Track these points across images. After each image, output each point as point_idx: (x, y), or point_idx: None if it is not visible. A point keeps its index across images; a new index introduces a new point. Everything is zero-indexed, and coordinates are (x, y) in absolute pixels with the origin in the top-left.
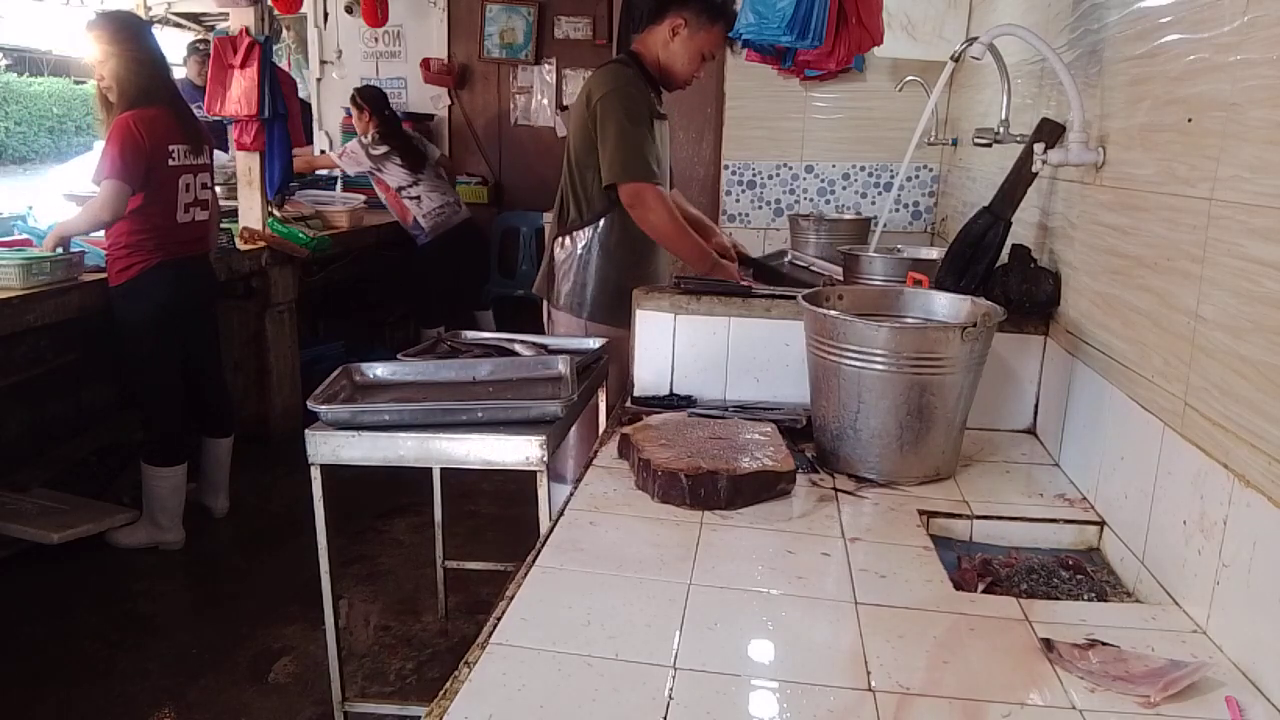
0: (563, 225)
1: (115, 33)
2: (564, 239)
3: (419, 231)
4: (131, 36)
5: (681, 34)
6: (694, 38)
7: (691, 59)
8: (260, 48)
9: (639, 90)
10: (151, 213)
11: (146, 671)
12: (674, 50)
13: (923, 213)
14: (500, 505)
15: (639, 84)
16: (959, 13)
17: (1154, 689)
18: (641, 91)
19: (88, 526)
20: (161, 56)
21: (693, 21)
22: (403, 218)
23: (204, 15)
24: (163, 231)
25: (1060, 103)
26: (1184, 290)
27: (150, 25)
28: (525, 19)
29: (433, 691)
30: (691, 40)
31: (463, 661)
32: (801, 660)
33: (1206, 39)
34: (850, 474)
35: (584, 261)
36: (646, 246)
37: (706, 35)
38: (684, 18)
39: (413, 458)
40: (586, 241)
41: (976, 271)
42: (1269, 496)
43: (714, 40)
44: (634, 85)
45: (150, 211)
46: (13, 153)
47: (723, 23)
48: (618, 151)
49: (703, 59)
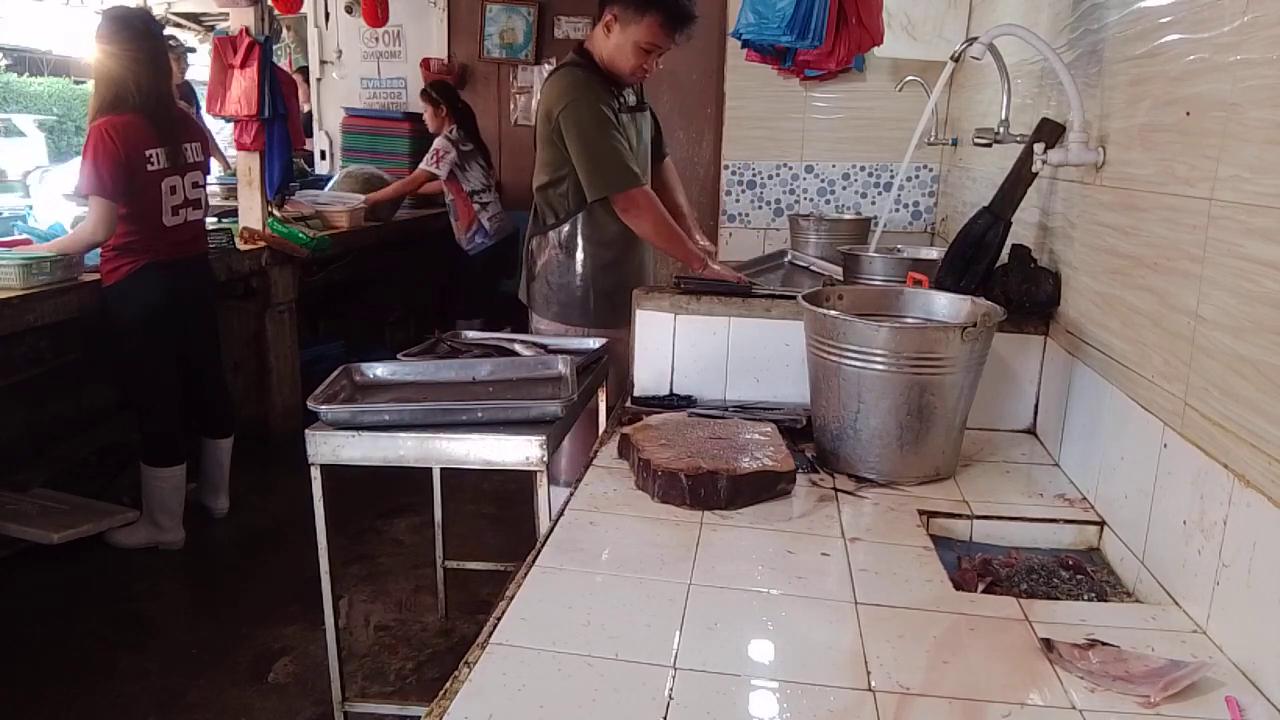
0: (538, 228)
1: (108, 32)
2: (540, 241)
3: (483, 237)
4: (125, 38)
5: (615, 29)
6: (626, 30)
7: (630, 53)
8: (260, 48)
9: (594, 93)
10: (136, 219)
11: (146, 671)
12: (611, 45)
13: (923, 213)
14: (500, 505)
15: (593, 86)
16: (959, 13)
17: (1154, 689)
18: (597, 93)
19: (88, 526)
20: (154, 60)
21: (623, 15)
22: (466, 222)
23: (204, 15)
24: (150, 235)
25: (1060, 103)
26: (1184, 290)
27: (158, 27)
28: (525, 19)
29: (433, 691)
30: (625, 33)
31: (463, 661)
32: (801, 660)
33: (1206, 39)
34: (850, 474)
35: (563, 266)
36: (623, 244)
37: (638, 27)
38: (614, 12)
39: (413, 458)
40: (561, 243)
41: (976, 271)
42: (1269, 496)
43: (648, 31)
44: (588, 90)
45: (135, 217)
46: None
47: (655, 12)
48: (594, 165)
49: (645, 52)
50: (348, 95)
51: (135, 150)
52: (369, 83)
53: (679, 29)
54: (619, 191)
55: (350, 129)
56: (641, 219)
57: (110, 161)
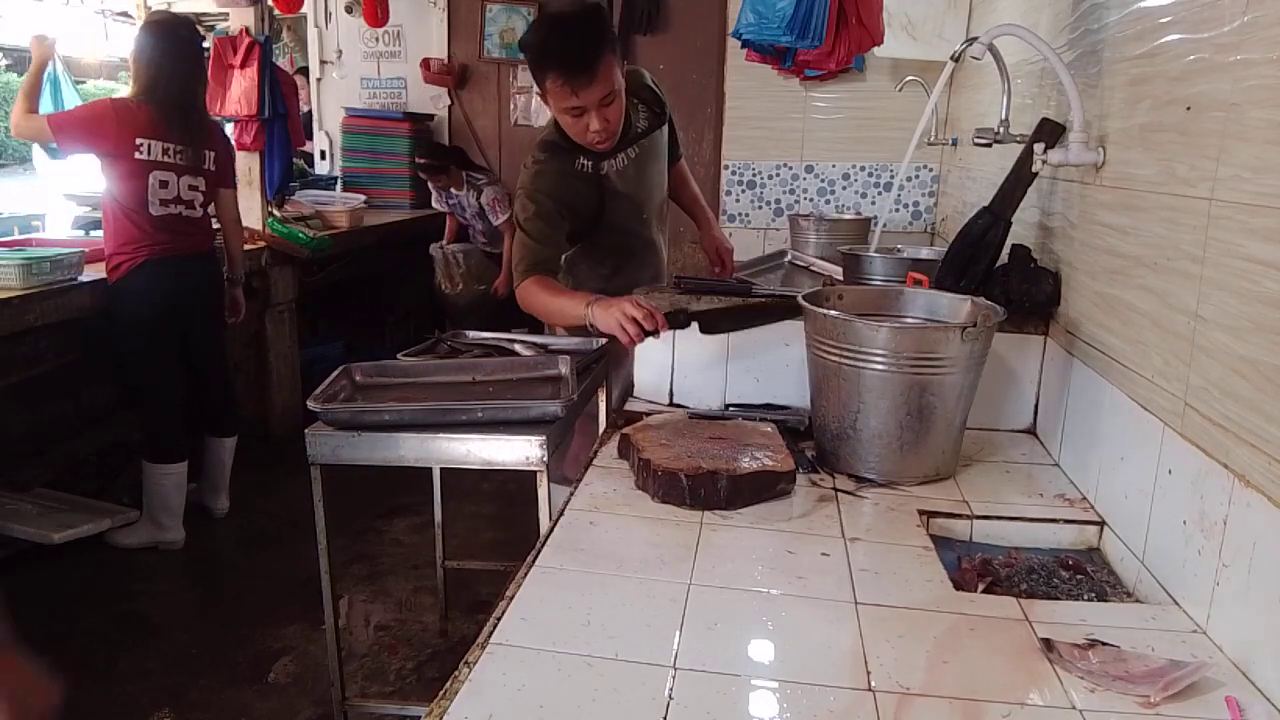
0: None
1: (145, 31)
2: None
3: None
4: (158, 39)
5: (546, 104)
6: (547, 102)
7: (567, 123)
8: (260, 48)
9: (548, 183)
10: (122, 202)
11: (146, 671)
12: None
13: (923, 213)
14: (500, 505)
15: (553, 173)
16: (959, 13)
17: (1154, 689)
18: (550, 182)
19: (88, 526)
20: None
21: (540, 88)
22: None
23: (204, 15)
24: (140, 226)
25: (1060, 103)
26: (1184, 290)
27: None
28: (525, 19)
29: (433, 691)
30: (551, 106)
31: (463, 661)
32: (801, 660)
33: (1206, 39)
34: (850, 474)
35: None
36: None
37: (550, 95)
38: (537, 88)
39: (413, 458)
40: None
41: (976, 271)
42: (1269, 496)
43: (556, 94)
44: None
45: (119, 201)
46: (13, 153)
47: (548, 75)
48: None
49: (575, 115)
50: (348, 95)
51: (126, 133)
52: (369, 83)
53: (578, 78)
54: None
55: (350, 129)
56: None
57: (90, 119)
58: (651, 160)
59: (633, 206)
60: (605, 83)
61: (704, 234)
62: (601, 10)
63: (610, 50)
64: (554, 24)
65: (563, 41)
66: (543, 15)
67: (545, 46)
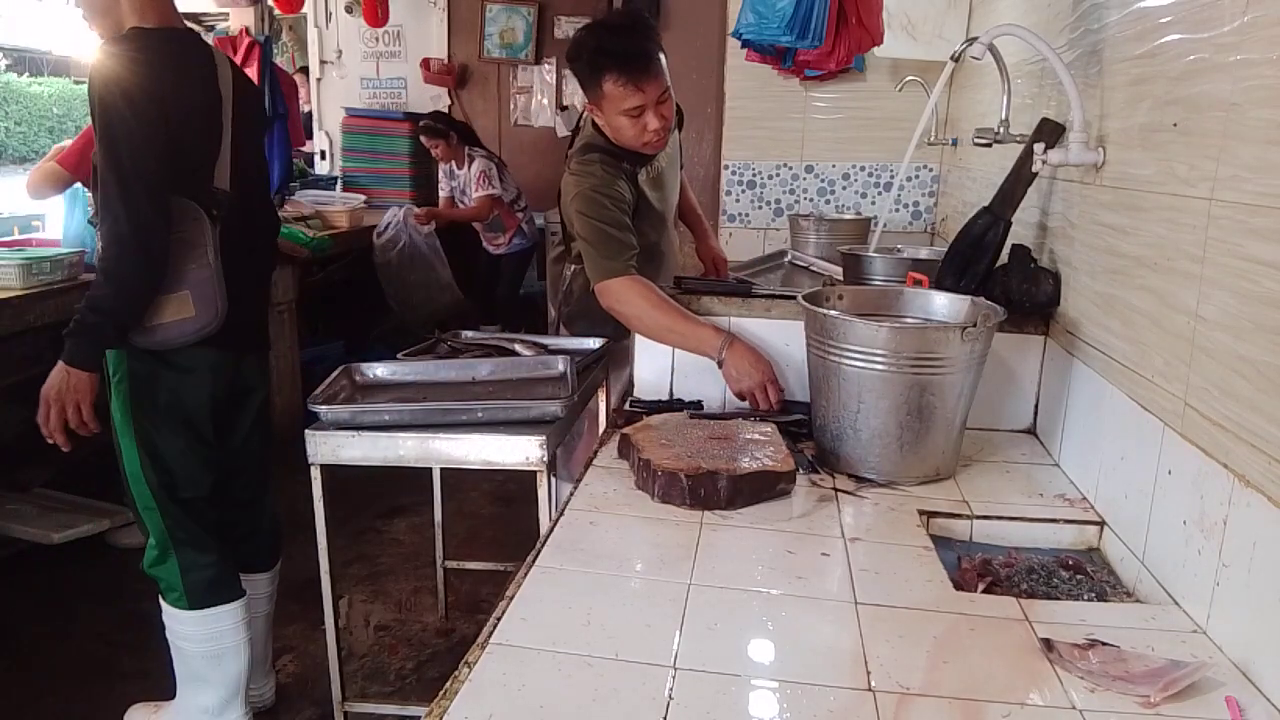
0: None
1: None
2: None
3: (521, 239)
4: None
5: (598, 113)
6: (602, 107)
7: (623, 125)
8: (260, 48)
9: (603, 181)
10: None
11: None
12: (608, 126)
13: (923, 213)
14: (500, 505)
15: (604, 174)
16: (959, 13)
17: (1154, 689)
18: (606, 181)
19: (88, 526)
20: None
21: (592, 97)
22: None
23: (204, 15)
24: None
25: (1060, 103)
26: (1184, 290)
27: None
28: (525, 19)
29: (433, 691)
30: (605, 111)
31: (463, 661)
32: (801, 660)
33: (1206, 39)
34: (850, 474)
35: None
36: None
37: (608, 101)
38: (588, 99)
39: (413, 458)
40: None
41: (976, 271)
42: (1269, 496)
43: (615, 95)
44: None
45: None
46: (13, 153)
47: (607, 74)
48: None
49: (633, 116)
50: (348, 95)
51: None
52: (369, 83)
53: (639, 75)
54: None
55: (350, 129)
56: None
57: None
58: (672, 167)
59: (657, 215)
60: (662, 79)
61: (701, 244)
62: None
63: (661, 49)
64: (606, 27)
65: (620, 41)
66: (591, 24)
67: (602, 47)
